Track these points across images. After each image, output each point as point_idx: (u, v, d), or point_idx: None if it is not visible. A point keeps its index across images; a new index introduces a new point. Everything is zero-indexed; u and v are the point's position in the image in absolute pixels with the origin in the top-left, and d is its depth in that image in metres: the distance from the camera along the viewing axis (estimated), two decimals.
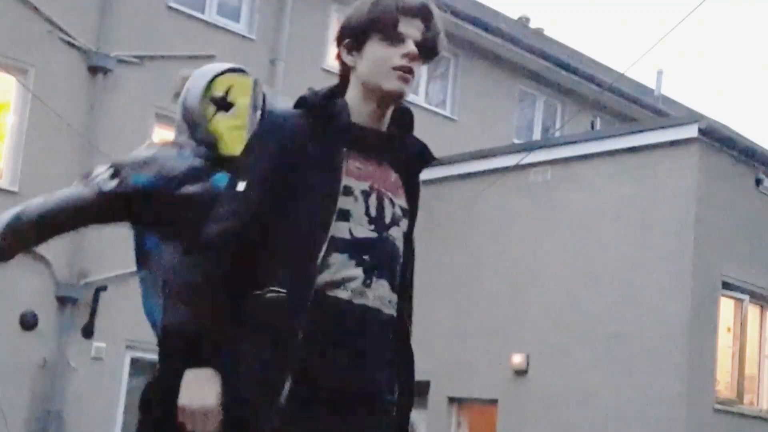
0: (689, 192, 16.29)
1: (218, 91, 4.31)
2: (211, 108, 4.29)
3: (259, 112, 4.48)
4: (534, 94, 24.27)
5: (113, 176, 4.21)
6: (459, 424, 18.69)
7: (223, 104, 4.30)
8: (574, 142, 18.47)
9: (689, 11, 17.01)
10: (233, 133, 4.27)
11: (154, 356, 15.52)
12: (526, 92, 24.12)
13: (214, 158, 4.33)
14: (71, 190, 4.26)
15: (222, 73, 4.35)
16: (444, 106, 22.56)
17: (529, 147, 19.10)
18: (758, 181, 17.24)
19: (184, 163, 4.30)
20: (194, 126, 4.33)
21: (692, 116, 19.73)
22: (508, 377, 17.53)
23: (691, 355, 15.88)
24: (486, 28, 22.34)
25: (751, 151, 17.25)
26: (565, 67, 23.95)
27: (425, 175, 3.54)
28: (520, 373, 17.42)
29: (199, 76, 4.38)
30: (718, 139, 16.67)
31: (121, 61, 17.22)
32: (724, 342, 17.06)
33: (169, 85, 4.66)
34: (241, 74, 4.39)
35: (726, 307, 17.08)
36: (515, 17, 27.22)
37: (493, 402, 17.73)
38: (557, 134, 22.52)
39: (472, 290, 18.07)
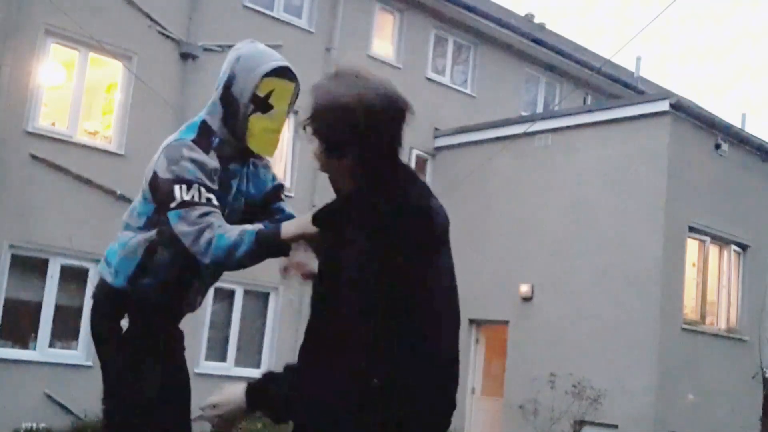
0: (662, 154, 16.57)
1: (262, 92, 3.75)
2: (252, 106, 3.76)
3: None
4: (537, 76, 23.94)
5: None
6: (477, 340, 18.95)
7: (264, 106, 3.78)
8: (570, 115, 18.74)
9: (663, 9, 17.15)
10: (265, 135, 3.81)
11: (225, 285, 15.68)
12: (531, 74, 23.79)
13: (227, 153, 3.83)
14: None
15: (268, 74, 3.75)
16: (466, 85, 22.27)
17: (534, 118, 19.27)
18: (717, 146, 17.58)
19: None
20: (232, 113, 3.78)
21: (664, 93, 19.56)
22: (517, 303, 17.85)
23: (663, 285, 16.25)
24: (499, 22, 22.28)
25: (711, 121, 17.62)
26: (562, 54, 23.70)
27: (450, 140, 2.97)
28: (527, 299, 17.73)
29: (249, 69, 3.77)
30: (685, 112, 17.01)
31: (206, 50, 17.15)
32: (690, 275, 17.39)
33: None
34: (284, 80, 3.80)
35: (692, 246, 17.42)
36: (523, 14, 27.32)
37: (505, 323, 18.07)
38: (556, 108, 22.46)
39: (487, 234, 18.30)
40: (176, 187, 3.59)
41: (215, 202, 3.63)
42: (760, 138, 19.08)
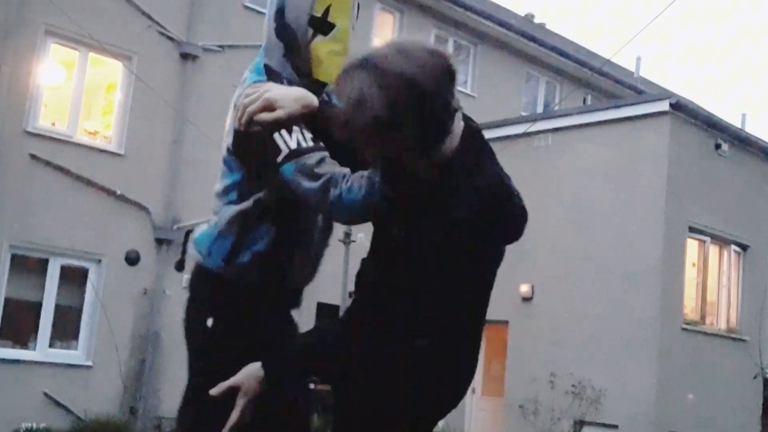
0: (662, 154, 16.58)
1: (318, 11, 3.17)
2: (311, 30, 3.19)
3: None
4: (537, 76, 24.14)
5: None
6: None
7: (324, 26, 3.19)
8: (570, 115, 18.75)
9: (663, 9, 17.20)
10: (333, 60, 3.18)
11: None
12: (531, 74, 23.98)
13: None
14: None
15: None
16: (465, 85, 22.12)
17: (534, 118, 19.31)
18: (717, 146, 17.61)
19: None
20: (293, 48, 3.22)
21: (664, 93, 19.73)
22: (517, 303, 17.84)
23: (663, 285, 16.27)
24: (499, 22, 22.45)
25: (711, 122, 17.65)
26: (562, 54, 23.91)
27: None
28: (527, 299, 17.78)
29: None
30: (685, 112, 17.04)
31: (206, 50, 17.22)
32: (690, 275, 17.44)
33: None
34: None
35: (692, 246, 17.46)
36: (523, 14, 27.34)
37: (505, 323, 18.03)
38: (556, 108, 22.49)
39: None
40: (275, 136, 2.97)
41: (321, 143, 3.02)
42: (760, 138, 19.13)
